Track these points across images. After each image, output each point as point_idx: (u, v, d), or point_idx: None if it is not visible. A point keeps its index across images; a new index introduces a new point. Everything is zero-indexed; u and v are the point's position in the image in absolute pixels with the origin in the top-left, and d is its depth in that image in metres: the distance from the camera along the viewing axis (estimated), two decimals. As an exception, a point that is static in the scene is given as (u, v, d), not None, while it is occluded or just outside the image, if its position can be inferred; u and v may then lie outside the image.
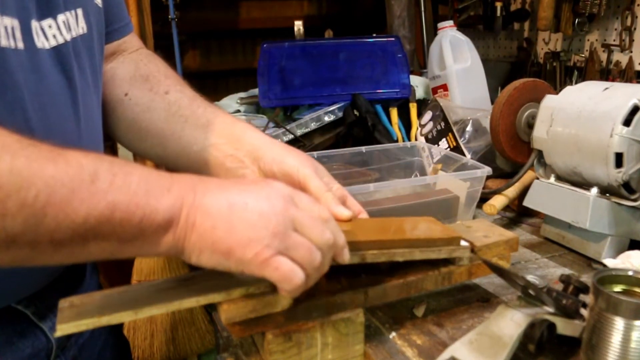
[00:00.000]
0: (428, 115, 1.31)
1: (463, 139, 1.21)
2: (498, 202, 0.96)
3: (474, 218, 1.00)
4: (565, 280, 0.65)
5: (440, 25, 1.50)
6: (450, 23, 1.50)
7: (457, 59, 1.45)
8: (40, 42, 0.55)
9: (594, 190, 0.83)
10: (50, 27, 0.56)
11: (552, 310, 0.60)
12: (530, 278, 0.76)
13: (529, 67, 1.80)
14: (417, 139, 1.34)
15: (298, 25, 1.68)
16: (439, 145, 1.23)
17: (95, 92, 0.67)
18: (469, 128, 1.23)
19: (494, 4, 1.83)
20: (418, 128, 1.35)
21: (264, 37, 1.89)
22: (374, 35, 1.54)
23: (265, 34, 2.47)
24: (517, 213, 1.06)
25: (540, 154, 0.93)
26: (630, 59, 1.51)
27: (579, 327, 0.59)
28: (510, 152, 1.07)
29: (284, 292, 0.51)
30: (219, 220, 0.48)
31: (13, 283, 0.60)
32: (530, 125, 1.02)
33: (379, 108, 1.41)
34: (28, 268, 0.45)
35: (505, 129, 1.05)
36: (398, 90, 1.45)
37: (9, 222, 0.40)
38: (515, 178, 0.99)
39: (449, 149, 1.20)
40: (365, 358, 0.62)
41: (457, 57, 1.45)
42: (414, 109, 1.43)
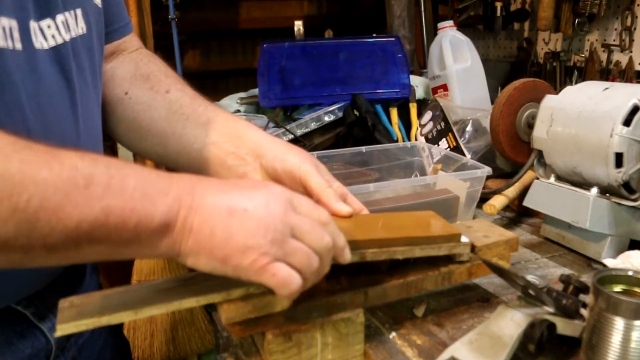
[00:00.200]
0: (428, 115, 1.31)
1: (463, 139, 1.21)
2: (498, 202, 0.96)
3: (474, 218, 1.00)
4: (565, 280, 0.65)
5: (440, 25, 1.50)
6: (450, 23, 1.50)
7: (457, 59, 1.45)
8: (39, 42, 0.55)
9: (594, 190, 0.83)
10: (49, 27, 0.56)
11: (552, 310, 0.60)
12: (530, 278, 0.76)
13: (529, 67, 1.80)
14: (417, 139, 1.34)
15: (298, 25, 1.68)
16: (439, 145, 1.23)
17: (95, 92, 0.67)
18: (469, 128, 1.23)
19: (494, 4, 1.83)
20: (418, 128, 1.35)
21: (264, 37, 1.89)
22: (374, 35, 1.54)
23: (265, 34, 2.47)
24: (517, 213, 1.06)
25: (540, 154, 0.92)
26: (630, 59, 1.51)
27: (579, 327, 0.59)
28: (510, 152, 1.07)
29: (282, 296, 0.51)
30: (217, 227, 0.47)
31: (12, 283, 0.60)
32: (530, 125, 1.02)
33: (379, 108, 1.41)
34: (27, 269, 0.45)
35: (505, 129, 1.05)
36: (398, 90, 1.45)
37: (1, 226, 0.40)
38: (515, 178, 0.99)
39: (449, 149, 1.20)
40: (365, 358, 0.62)
41: (457, 57, 1.45)
42: (414, 109, 1.43)
